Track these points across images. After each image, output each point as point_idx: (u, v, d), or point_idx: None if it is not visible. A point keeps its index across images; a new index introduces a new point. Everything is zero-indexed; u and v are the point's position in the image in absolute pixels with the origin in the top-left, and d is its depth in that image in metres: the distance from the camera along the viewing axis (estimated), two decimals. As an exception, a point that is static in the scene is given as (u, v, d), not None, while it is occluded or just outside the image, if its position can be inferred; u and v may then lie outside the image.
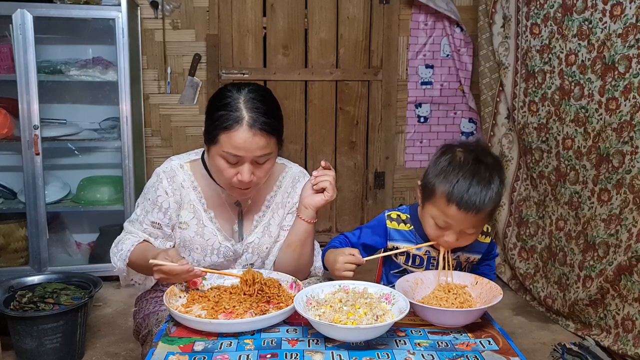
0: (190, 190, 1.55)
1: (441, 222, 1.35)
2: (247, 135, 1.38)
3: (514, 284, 3.15)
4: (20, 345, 2.22)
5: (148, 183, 1.57)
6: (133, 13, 3.17)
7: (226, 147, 1.39)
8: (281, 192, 1.64)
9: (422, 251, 1.48)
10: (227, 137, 1.39)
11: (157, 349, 1.17)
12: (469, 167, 1.33)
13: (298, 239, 1.56)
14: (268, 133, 1.40)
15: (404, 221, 1.51)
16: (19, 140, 2.95)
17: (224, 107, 1.41)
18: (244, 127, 1.37)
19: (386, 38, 3.65)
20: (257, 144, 1.39)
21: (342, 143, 3.78)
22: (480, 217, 1.33)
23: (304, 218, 1.54)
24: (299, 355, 1.13)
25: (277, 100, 1.50)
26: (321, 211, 4.21)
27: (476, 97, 3.55)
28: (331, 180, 1.49)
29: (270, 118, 1.41)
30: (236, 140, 1.38)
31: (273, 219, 1.62)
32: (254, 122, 1.38)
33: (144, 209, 1.54)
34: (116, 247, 1.53)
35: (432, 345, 1.19)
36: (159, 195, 1.52)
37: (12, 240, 3.06)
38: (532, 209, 2.99)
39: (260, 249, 1.61)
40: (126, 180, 3.07)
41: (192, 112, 3.50)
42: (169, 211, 1.52)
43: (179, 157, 1.60)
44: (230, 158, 1.41)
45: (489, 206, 1.32)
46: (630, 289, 2.28)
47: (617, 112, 2.33)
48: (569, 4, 2.56)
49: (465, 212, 1.30)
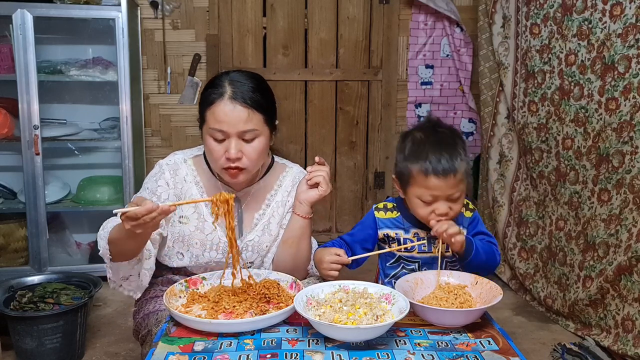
0: (192, 184, 1.57)
1: (427, 198, 1.41)
2: (228, 107, 1.42)
3: (514, 284, 3.15)
4: (20, 345, 2.22)
5: (150, 174, 1.59)
6: (133, 13, 3.17)
7: (211, 122, 1.44)
8: (281, 191, 1.64)
9: (410, 234, 1.52)
10: (211, 113, 1.44)
11: (157, 349, 1.17)
12: (431, 140, 1.43)
13: (294, 235, 1.57)
14: (250, 106, 1.43)
15: (390, 209, 1.56)
16: (19, 140, 2.95)
17: (210, 86, 1.47)
18: (225, 100, 1.42)
19: (386, 38, 3.65)
20: (238, 116, 1.42)
21: (342, 143, 3.78)
22: (459, 177, 1.41)
23: (299, 213, 1.55)
24: (299, 355, 1.13)
25: (266, 83, 1.54)
26: (321, 211, 4.22)
27: (476, 97, 3.55)
28: (325, 175, 1.50)
29: (254, 93, 1.44)
30: (218, 114, 1.42)
31: (273, 218, 1.63)
32: (235, 95, 1.42)
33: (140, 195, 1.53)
34: (102, 229, 1.48)
35: (432, 345, 1.19)
36: (159, 186, 1.54)
37: (12, 240, 3.06)
38: (532, 209, 2.99)
39: (260, 247, 1.61)
40: (126, 180, 3.07)
41: (192, 112, 3.50)
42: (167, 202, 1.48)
43: (183, 152, 1.64)
44: (217, 134, 1.44)
45: (462, 166, 1.41)
46: (630, 289, 2.28)
47: (616, 112, 2.33)
48: (568, 4, 2.56)
49: (445, 178, 1.39)
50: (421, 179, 1.40)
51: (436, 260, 1.49)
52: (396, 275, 1.56)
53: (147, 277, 1.52)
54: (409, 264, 1.54)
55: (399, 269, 1.56)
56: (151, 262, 1.52)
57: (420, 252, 1.52)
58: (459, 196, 1.43)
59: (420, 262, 1.53)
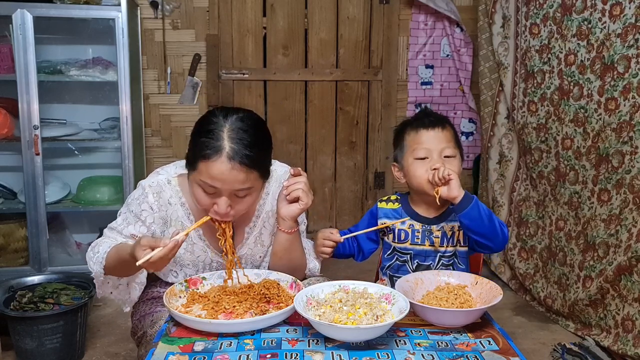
0: (178, 206, 1.50)
1: (423, 152, 1.50)
2: (225, 167, 1.30)
3: (514, 284, 3.15)
4: (20, 345, 2.23)
5: (132, 194, 1.52)
6: (133, 13, 3.17)
7: (204, 176, 1.33)
8: (269, 199, 1.58)
9: (405, 225, 1.56)
10: (205, 167, 1.32)
11: (157, 349, 1.17)
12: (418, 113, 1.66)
13: (283, 248, 1.53)
14: (248, 167, 1.32)
15: (393, 201, 1.63)
16: (19, 140, 2.95)
17: (206, 133, 1.34)
18: (222, 159, 1.30)
19: (386, 38, 3.65)
20: (235, 177, 1.32)
21: (342, 143, 3.78)
22: (448, 131, 1.53)
23: (284, 229, 1.50)
24: (299, 355, 1.13)
25: (267, 131, 1.43)
26: (321, 211, 4.22)
27: (476, 97, 3.55)
28: (303, 187, 1.44)
29: (253, 151, 1.33)
30: (213, 171, 1.31)
31: (264, 229, 1.58)
32: (234, 154, 1.30)
33: (126, 219, 1.49)
34: (92, 251, 1.44)
35: (432, 345, 1.19)
36: (143, 210, 1.47)
37: (12, 240, 3.06)
38: (531, 209, 2.99)
39: (253, 258, 1.59)
40: (126, 180, 3.07)
41: (192, 112, 3.50)
42: (153, 225, 1.47)
43: (167, 170, 1.54)
44: (208, 188, 1.35)
45: (448, 121, 1.56)
46: (630, 289, 2.28)
47: (616, 112, 2.33)
48: (568, 4, 2.56)
49: (434, 129, 1.52)
50: (414, 137, 1.52)
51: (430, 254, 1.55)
52: (391, 266, 1.61)
53: (137, 291, 1.49)
54: (402, 255, 1.58)
55: (393, 260, 1.60)
56: (142, 277, 1.48)
57: (413, 244, 1.56)
58: (453, 156, 1.51)
59: (412, 254, 1.57)
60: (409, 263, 1.58)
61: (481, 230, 1.45)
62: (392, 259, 1.60)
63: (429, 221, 1.56)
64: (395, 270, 1.60)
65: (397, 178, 1.61)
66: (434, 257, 1.56)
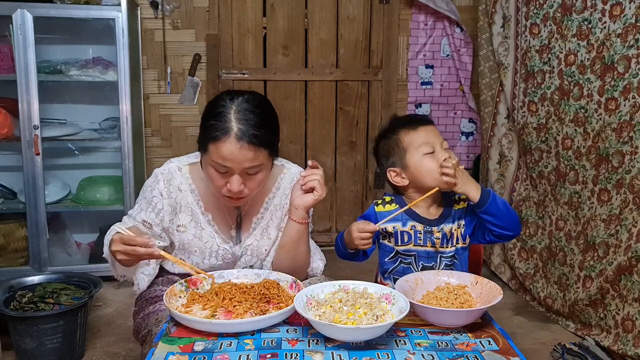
0: (188, 193, 1.56)
1: (429, 147, 1.52)
2: (234, 147, 1.37)
3: (514, 284, 3.15)
4: (20, 345, 2.23)
5: (147, 182, 1.59)
6: (133, 13, 3.17)
7: (215, 157, 1.40)
8: (279, 194, 1.64)
9: (407, 227, 1.56)
10: (215, 148, 1.39)
11: (157, 349, 1.17)
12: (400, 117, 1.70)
13: (291, 240, 1.56)
14: (256, 145, 1.38)
15: (389, 202, 1.62)
16: (19, 140, 2.95)
17: (214, 116, 1.40)
18: (231, 139, 1.37)
19: (386, 38, 3.65)
20: (244, 156, 1.38)
21: (342, 143, 3.78)
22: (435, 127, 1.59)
23: (295, 219, 1.53)
24: (299, 355, 1.13)
25: (273, 109, 1.49)
26: (321, 211, 4.22)
27: (476, 97, 3.55)
28: (319, 178, 1.49)
29: (260, 130, 1.39)
30: (223, 152, 1.38)
31: (272, 221, 1.63)
32: (242, 134, 1.37)
33: (140, 206, 1.56)
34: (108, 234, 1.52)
35: (432, 345, 1.19)
36: (154, 196, 1.54)
37: (12, 240, 3.06)
38: (531, 209, 2.99)
39: (259, 251, 1.61)
40: (126, 180, 3.07)
41: (192, 112, 3.50)
42: (162, 212, 1.54)
43: (179, 159, 1.61)
44: (220, 168, 1.41)
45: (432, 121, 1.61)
46: (630, 289, 2.28)
47: (616, 112, 2.33)
48: (568, 4, 2.56)
49: (428, 125, 1.57)
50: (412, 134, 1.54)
51: (432, 256, 1.54)
52: (394, 270, 1.59)
53: (146, 281, 1.56)
54: (406, 257, 1.57)
55: (397, 264, 1.58)
56: (150, 269, 1.56)
57: (416, 245, 1.55)
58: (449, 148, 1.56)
59: (416, 255, 1.56)
60: (413, 265, 1.56)
61: (501, 223, 1.49)
62: (396, 262, 1.58)
63: (429, 222, 1.56)
64: (400, 274, 1.57)
65: (397, 183, 1.58)
66: (435, 258, 1.55)
